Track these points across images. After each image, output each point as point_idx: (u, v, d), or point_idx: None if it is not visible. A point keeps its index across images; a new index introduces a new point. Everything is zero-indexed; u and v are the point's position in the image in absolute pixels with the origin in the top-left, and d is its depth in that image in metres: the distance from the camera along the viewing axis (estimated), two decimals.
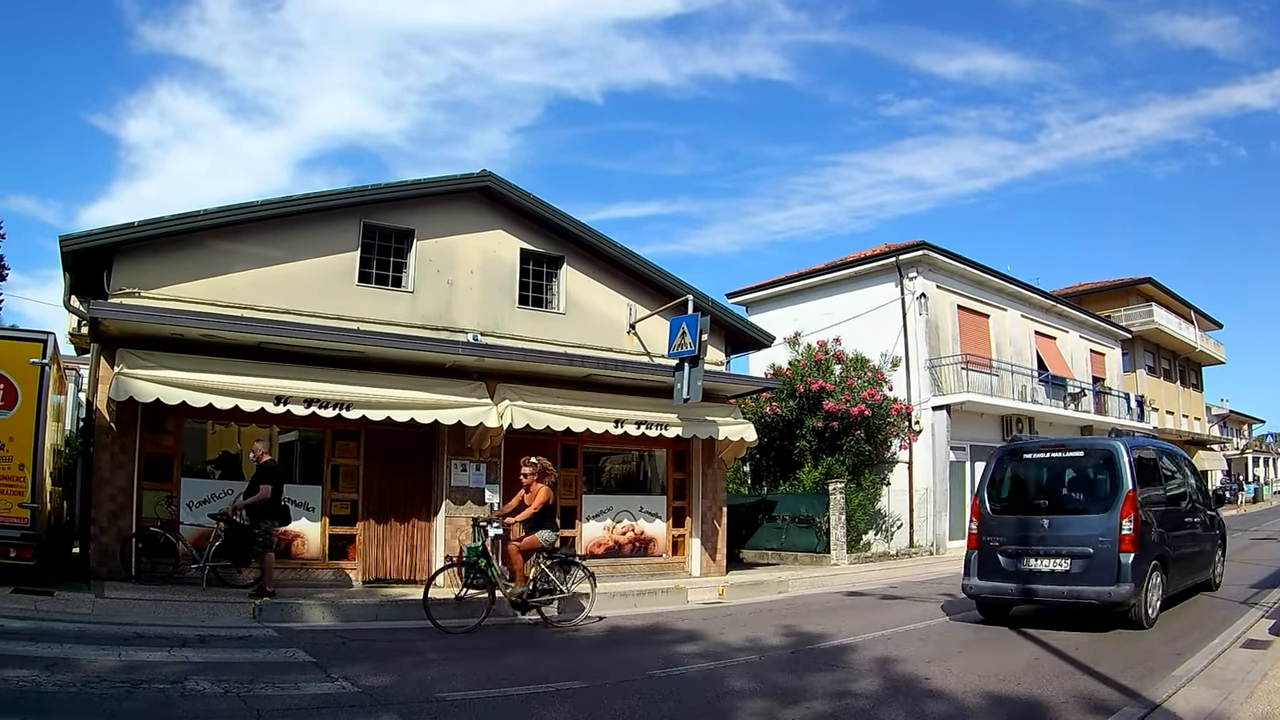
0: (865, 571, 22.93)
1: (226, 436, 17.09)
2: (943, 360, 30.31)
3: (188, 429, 16.31)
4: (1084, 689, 8.80)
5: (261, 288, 16.32)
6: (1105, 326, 42.59)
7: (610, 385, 19.32)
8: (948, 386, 30.00)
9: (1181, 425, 53.61)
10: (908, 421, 28.27)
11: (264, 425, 16.73)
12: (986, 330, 33.74)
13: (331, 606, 13.34)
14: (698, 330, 17.95)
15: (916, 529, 29.08)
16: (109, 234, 15.02)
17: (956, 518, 29.89)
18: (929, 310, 30.34)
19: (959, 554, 26.69)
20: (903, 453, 29.07)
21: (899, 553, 27.65)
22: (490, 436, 17.52)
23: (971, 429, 30.99)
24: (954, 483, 30.05)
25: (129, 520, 15.18)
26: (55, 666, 8.61)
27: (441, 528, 17.81)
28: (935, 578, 20.81)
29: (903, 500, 29.19)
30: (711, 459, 21.36)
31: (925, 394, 29.54)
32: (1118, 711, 7.89)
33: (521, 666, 10.47)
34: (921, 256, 30.42)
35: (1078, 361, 39.12)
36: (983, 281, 33.59)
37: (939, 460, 29.25)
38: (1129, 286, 50.19)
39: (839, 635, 12.45)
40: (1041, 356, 36.27)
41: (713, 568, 21.24)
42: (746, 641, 12.05)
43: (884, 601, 16.67)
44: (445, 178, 18.47)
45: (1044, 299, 37.30)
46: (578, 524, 19.97)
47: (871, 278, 31.82)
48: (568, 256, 19.85)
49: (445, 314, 18.19)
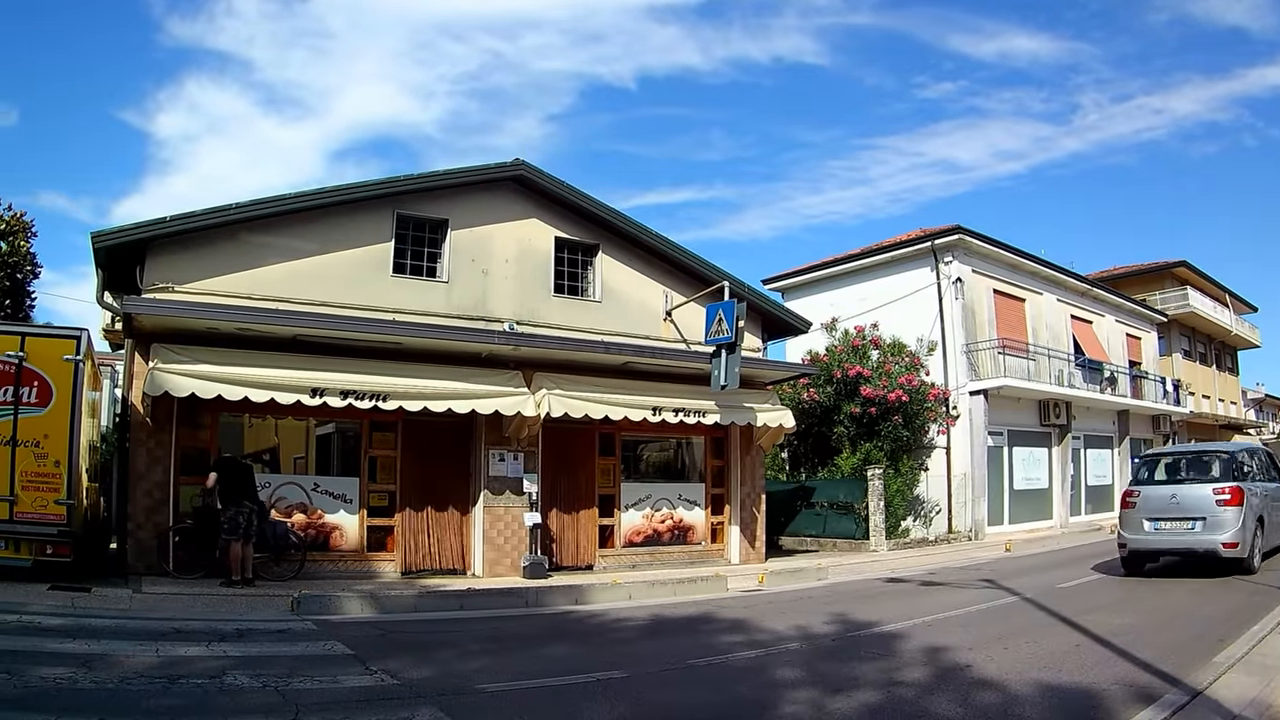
0: (904, 558, 22.52)
1: (264, 430, 16.96)
2: (979, 345, 29.71)
3: (224, 423, 16.12)
4: (1126, 676, 8.48)
5: (295, 280, 16.11)
6: (1141, 310, 41.77)
7: (647, 373, 19.01)
8: (985, 371, 29.41)
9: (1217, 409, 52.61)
10: (945, 407, 27.78)
11: (300, 418, 16.60)
12: (1023, 314, 33.08)
13: (370, 599, 13.07)
14: (734, 316, 17.60)
15: (955, 515, 28.54)
16: (141, 229, 14.87)
17: (995, 503, 29.60)
18: (965, 294, 29.75)
19: (997, 540, 26.98)
20: (940, 438, 28.49)
21: (938, 539, 27.11)
22: (528, 426, 17.26)
23: (1009, 413, 30.41)
24: (992, 468, 29.52)
25: (166, 515, 15.02)
26: (92, 663, 8.38)
27: (480, 518, 17.57)
28: (974, 564, 20.47)
29: (940, 486, 28.66)
30: (749, 446, 21.02)
31: (962, 379, 28.97)
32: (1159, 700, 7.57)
33: (562, 657, 10.18)
34: (957, 241, 29.81)
35: (1114, 345, 38.38)
36: (1018, 265, 32.93)
37: (977, 445, 28.66)
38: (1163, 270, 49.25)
39: (882, 622, 12.08)
40: (1078, 340, 35.51)
41: (751, 555, 20.91)
42: (789, 629, 11.70)
43: (924, 588, 16.26)
44: (478, 167, 18.20)
45: (1080, 282, 36.55)
46: (616, 512, 19.69)
47: (907, 262, 31.22)
48: (603, 244, 19.55)
49: (481, 304, 17.92)
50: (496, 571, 17.31)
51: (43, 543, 12.82)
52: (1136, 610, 12.71)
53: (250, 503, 14.45)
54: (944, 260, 29.84)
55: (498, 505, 17.59)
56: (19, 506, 12.71)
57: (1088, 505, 34.83)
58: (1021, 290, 33.17)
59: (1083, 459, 35.00)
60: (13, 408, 12.84)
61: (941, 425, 27.81)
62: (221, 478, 14.31)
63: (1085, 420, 34.26)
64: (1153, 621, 11.75)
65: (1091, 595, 14.53)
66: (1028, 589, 15.19)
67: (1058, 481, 32.86)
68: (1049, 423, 32.23)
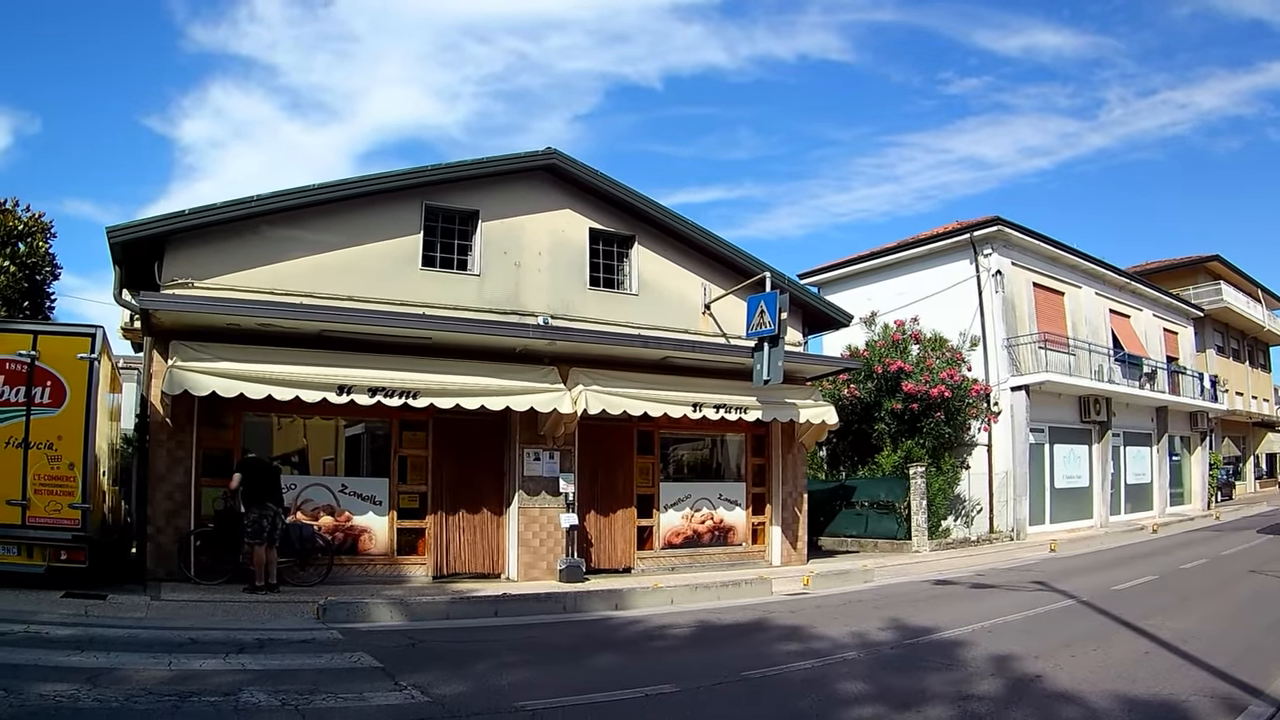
0: (948, 558, 21.59)
1: (292, 431, 16.16)
2: (1020, 339, 28.61)
3: (251, 424, 15.35)
4: (1205, 685, 8.01)
5: (320, 275, 15.30)
6: (1178, 305, 40.51)
7: (687, 368, 18.06)
8: (1025, 366, 28.25)
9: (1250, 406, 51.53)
10: (986, 402, 26.73)
11: (327, 417, 15.80)
12: (1062, 308, 31.90)
13: (400, 605, 12.16)
14: (776, 308, 16.64)
15: (996, 514, 27.42)
16: (159, 223, 14.10)
17: (1036, 502, 28.59)
18: (1005, 288, 28.67)
19: (1040, 540, 26.05)
20: (981, 435, 27.45)
21: (979, 539, 26.08)
22: (564, 423, 16.37)
23: (1049, 410, 29.33)
24: (1033, 466, 28.44)
25: (187, 518, 14.25)
26: (98, 678, 7.60)
27: (515, 519, 16.68)
28: (1021, 564, 19.68)
29: (981, 484, 27.56)
30: (791, 443, 20.02)
31: (1003, 374, 27.83)
32: (1244, 710, 7.17)
33: (607, 669, 9.31)
34: (996, 232, 28.73)
35: (1151, 340, 37.18)
36: (1056, 258, 31.75)
37: (1018, 442, 27.56)
38: (1196, 264, 48.16)
39: (940, 628, 11.29)
40: (1116, 335, 34.41)
41: (793, 556, 19.93)
42: (845, 636, 10.88)
43: (975, 591, 15.46)
44: (509, 156, 17.33)
45: (1118, 276, 35.37)
46: (655, 513, 18.76)
47: (944, 255, 30.12)
48: (639, 235, 18.60)
49: (513, 297, 17.01)
50: (532, 575, 16.43)
51: (56, 548, 12.21)
52: (1198, 613, 12.27)
53: (274, 505, 13.65)
54: (983, 252, 28.75)
55: (533, 506, 16.70)
56: (31, 511, 12.12)
57: (1127, 504, 33.77)
58: (1060, 283, 32.00)
59: (1122, 457, 33.90)
60: (25, 409, 12.25)
61: (984, 422, 26.74)
62: (246, 479, 13.55)
63: (1124, 417, 33.08)
64: (1218, 625, 11.40)
65: (1149, 597, 13.90)
66: (1082, 591, 14.49)
67: (1098, 480, 31.70)
68: (1089, 419, 31.11)
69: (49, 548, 12.15)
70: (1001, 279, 28.53)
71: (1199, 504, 38.90)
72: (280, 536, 13.80)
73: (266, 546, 13.50)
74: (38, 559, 12.15)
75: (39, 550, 12.14)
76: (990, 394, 26.89)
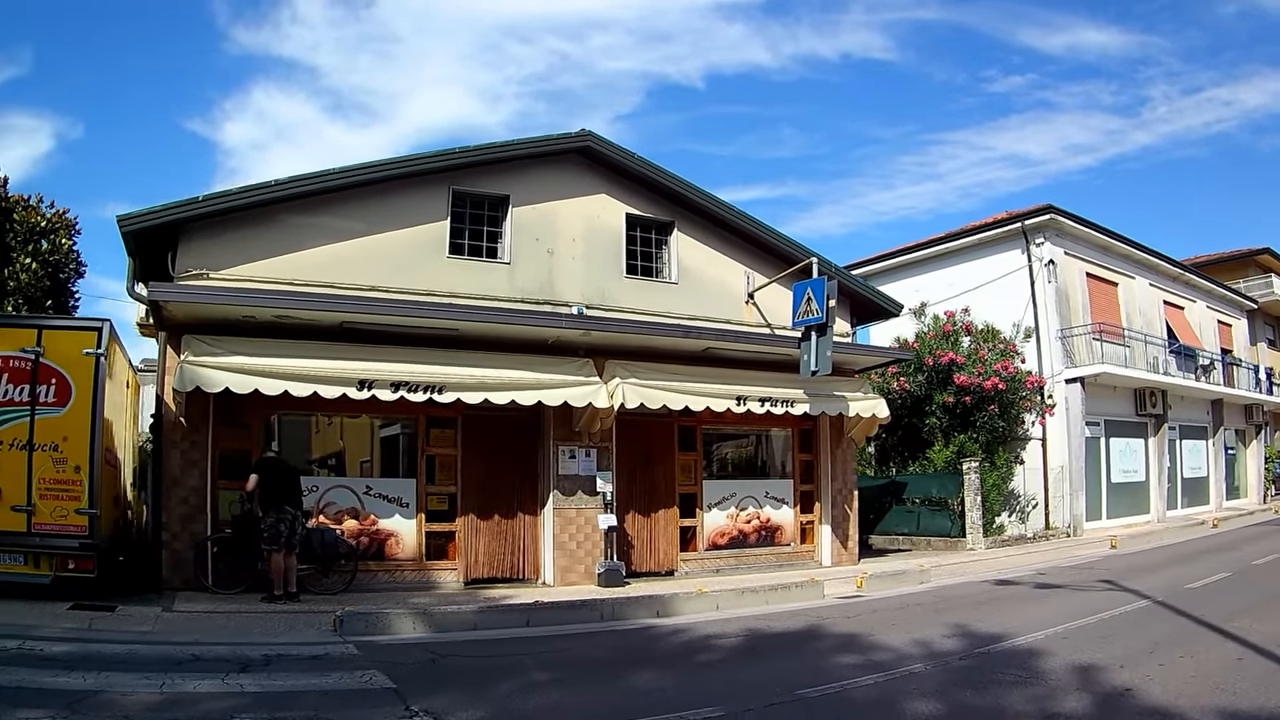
0: (1005, 557, 20.33)
1: (329, 433, 15.35)
2: (1074, 330, 27.30)
3: (286, 426, 14.64)
4: None
5: (341, 264, 14.39)
6: (1232, 296, 39.12)
7: (729, 359, 16.85)
8: (1080, 358, 26.93)
9: None
10: (1040, 395, 25.44)
11: (354, 415, 14.93)
12: (1116, 299, 30.51)
13: (423, 616, 11.13)
14: (824, 295, 15.58)
15: (1052, 509, 26.11)
16: (172, 210, 13.21)
17: (1092, 497, 27.23)
18: (1058, 278, 27.36)
19: (1097, 536, 24.69)
20: (1035, 429, 26.15)
21: (1035, 535, 24.77)
22: (600, 418, 15.28)
23: (1104, 403, 27.93)
24: (1089, 460, 27.08)
25: (203, 524, 13.33)
26: (80, 704, 6.73)
27: (549, 521, 15.62)
28: (1083, 562, 18.47)
29: (1035, 479, 26.25)
30: (840, 438, 18.82)
31: (1057, 366, 26.52)
32: None
33: (647, 689, 8.19)
34: (1049, 221, 27.36)
35: (1205, 332, 35.75)
36: (1109, 247, 30.34)
37: (1074, 436, 26.25)
38: (1246, 258, 46.51)
39: (1010, 634, 10.22)
40: (1171, 326, 33.03)
41: (844, 556, 18.76)
42: (908, 645, 9.80)
43: (1040, 592, 14.35)
44: (541, 138, 16.35)
45: (1172, 266, 33.84)
46: (699, 512, 17.58)
47: (995, 245, 28.72)
48: (678, 221, 17.51)
49: (546, 286, 16.02)
50: (569, 580, 15.39)
51: (64, 557, 11.35)
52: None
53: (293, 508, 12.69)
54: (1035, 241, 27.39)
55: (569, 507, 15.64)
56: (37, 517, 11.29)
57: (1184, 499, 32.21)
58: (1114, 274, 30.60)
59: (1178, 450, 32.39)
60: (29, 408, 11.40)
61: (1039, 415, 25.46)
62: (263, 480, 12.59)
63: (1180, 410, 31.56)
64: None
65: (1227, 596, 12.90)
66: (1155, 590, 13.41)
67: (1154, 474, 30.23)
68: (1144, 412, 29.69)
69: (56, 556, 11.31)
70: (1054, 269, 27.21)
71: (1254, 498, 37.38)
72: (301, 542, 12.86)
73: (285, 553, 12.55)
74: (44, 568, 11.32)
75: (45, 559, 11.31)
76: (1044, 386, 25.65)
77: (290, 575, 12.65)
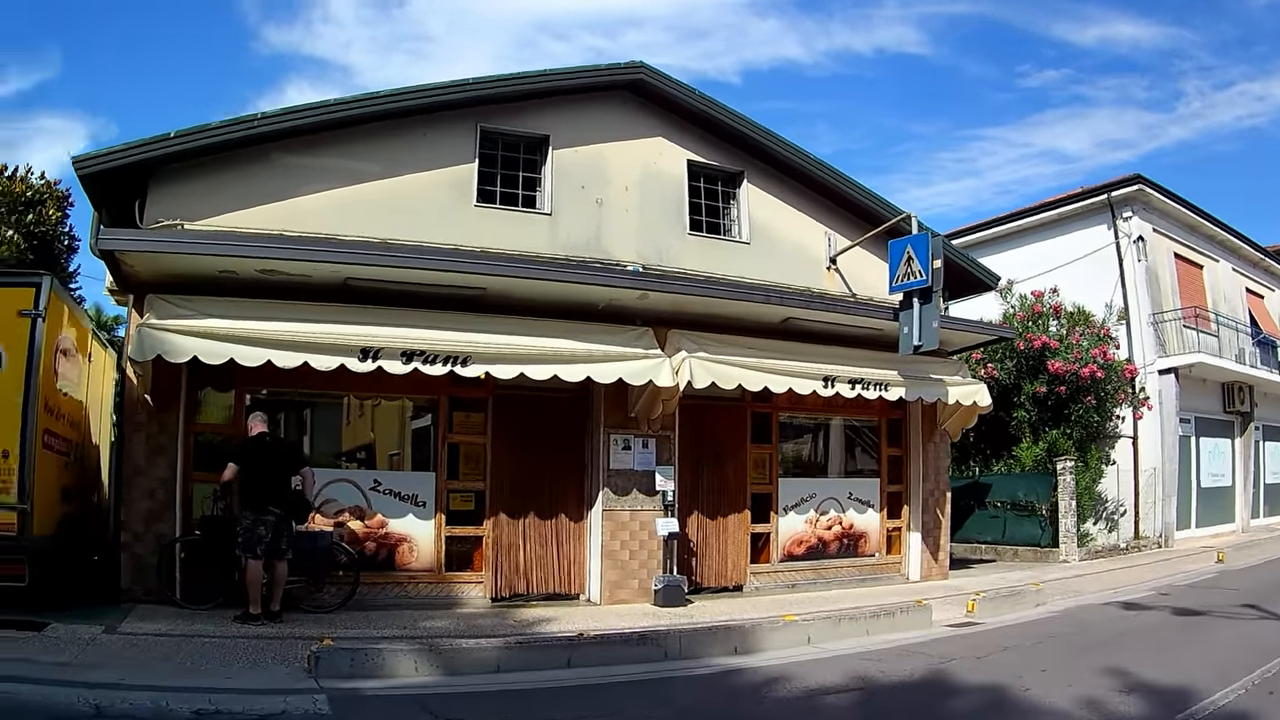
0: (1105, 571, 17.38)
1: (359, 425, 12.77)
2: (1165, 315, 24.23)
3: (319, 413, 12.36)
4: None
5: (346, 212, 11.68)
6: None
7: (810, 333, 13.86)
8: (1172, 346, 23.86)
9: None
10: (1131, 386, 22.37)
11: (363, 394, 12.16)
12: (1201, 283, 27.35)
13: (429, 653, 8.16)
14: (929, 253, 12.71)
15: (1142, 516, 22.98)
16: (139, 149, 10.60)
17: (1183, 503, 24.14)
18: (1147, 256, 24.30)
19: (1188, 547, 21.62)
20: (1126, 425, 23.08)
21: (1127, 546, 21.71)
22: (662, 400, 12.26)
23: (1194, 398, 24.73)
24: (1182, 462, 24.01)
25: (171, 523, 10.62)
26: None
27: (597, 525, 12.70)
28: (1199, 580, 15.89)
29: (1124, 482, 23.05)
30: (933, 431, 15.73)
31: (1149, 355, 23.44)
32: None
33: None
34: (1137, 192, 24.20)
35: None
36: (1196, 226, 27.21)
37: (1167, 434, 23.12)
38: None
39: (1201, 691, 7.47)
40: (1253, 315, 29.88)
41: (934, 569, 15.74)
42: (1076, 708, 7.05)
43: (1183, 620, 11.62)
44: (585, 67, 13.58)
45: (1254, 251, 30.58)
46: (773, 516, 14.47)
47: (1078, 220, 25.50)
48: (748, 171, 14.59)
49: (594, 241, 13.16)
50: (618, 597, 12.45)
51: None
52: None
53: (278, 508, 9.86)
54: (1122, 216, 24.22)
55: (621, 509, 12.69)
56: None
57: (1264, 506, 28.90)
58: (1199, 255, 27.44)
59: (1261, 453, 29.10)
60: None
61: (1135, 409, 22.36)
62: (244, 471, 9.83)
63: (1265, 408, 28.27)
64: None
65: None
66: None
67: (1240, 478, 27.13)
68: (1232, 410, 26.52)
69: None
70: (1144, 246, 24.09)
71: None
72: (289, 546, 10.07)
73: (269, 562, 9.80)
74: None
75: None
76: (1135, 377, 22.59)
77: (275, 589, 9.88)
